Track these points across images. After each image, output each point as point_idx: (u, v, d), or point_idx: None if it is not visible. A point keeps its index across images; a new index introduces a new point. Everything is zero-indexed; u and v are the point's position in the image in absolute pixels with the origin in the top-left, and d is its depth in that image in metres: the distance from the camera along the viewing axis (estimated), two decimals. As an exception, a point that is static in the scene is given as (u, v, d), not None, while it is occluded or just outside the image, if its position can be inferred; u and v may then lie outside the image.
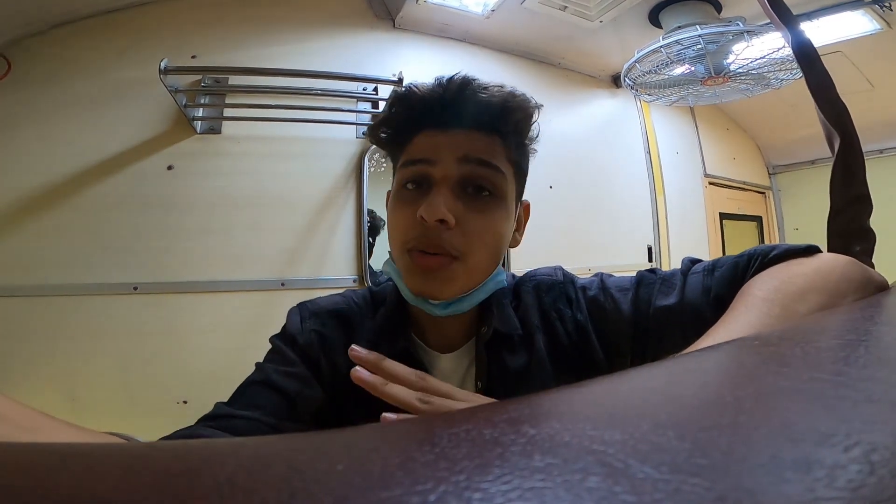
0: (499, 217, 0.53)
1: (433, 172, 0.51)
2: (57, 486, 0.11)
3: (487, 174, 0.52)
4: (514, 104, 0.53)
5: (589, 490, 0.10)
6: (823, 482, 0.10)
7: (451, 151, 0.51)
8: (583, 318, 0.58)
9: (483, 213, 0.52)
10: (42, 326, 1.43)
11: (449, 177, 0.51)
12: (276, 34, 1.81)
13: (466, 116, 0.52)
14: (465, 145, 0.51)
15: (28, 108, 1.51)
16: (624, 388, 0.21)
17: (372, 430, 0.16)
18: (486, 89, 0.52)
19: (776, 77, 1.90)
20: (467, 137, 0.52)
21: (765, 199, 3.42)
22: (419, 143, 0.53)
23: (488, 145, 0.53)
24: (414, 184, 0.53)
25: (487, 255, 0.53)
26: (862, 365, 0.20)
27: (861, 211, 0.59)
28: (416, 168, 0.52)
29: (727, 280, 0.51)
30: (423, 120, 0.53)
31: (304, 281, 1.71)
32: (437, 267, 0.50)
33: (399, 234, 0.52)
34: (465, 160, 0.51)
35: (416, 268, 0.51)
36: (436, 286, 0.51)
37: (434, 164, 0.51)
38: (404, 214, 0.52)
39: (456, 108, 0.52)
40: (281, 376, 0.52)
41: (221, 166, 1.68)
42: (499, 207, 0.53)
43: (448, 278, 0.51)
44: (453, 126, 0.52)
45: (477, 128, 0.52)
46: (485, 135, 0.53)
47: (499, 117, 0.53)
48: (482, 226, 0.51)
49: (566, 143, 2.35)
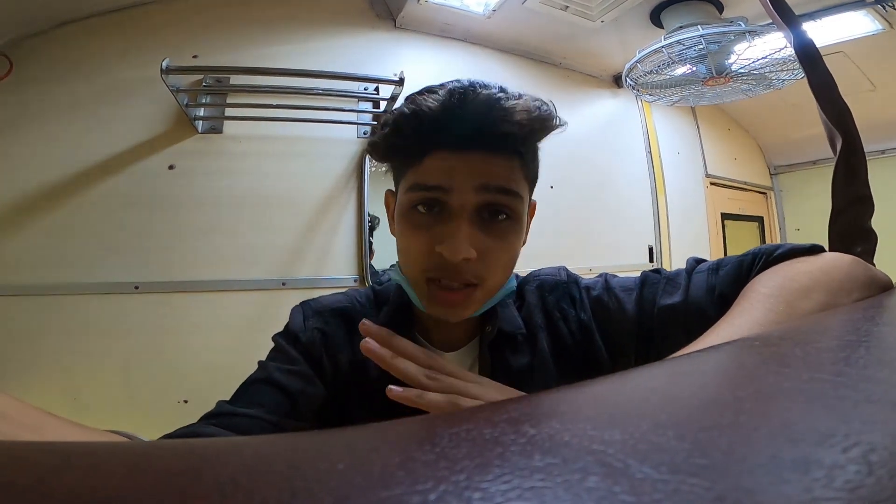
0: (515, 239, 0.51)
1: (449, 200, 0.47)
2: (59, 484, 0.11)
3: (507, 201, 0.49)
4: (539, 125, 0.48)
5: (588, 490, 0.10)
6: (822, 482, 0.10)
7: (468, 179, 0.47)
8: (586, 317, 0.58)
9: (501, 240, 0.49)
10: (44, 326, 1.43)
11: (466, 206, 0.47)
12: (277, 34, 1.81)
13: (486, 137, 0.47)
14: (483, 171, 0.47)
15: (30, 108, 1.51)
16: (624, 388, 0.21)
17: (372, 429, 0.16)
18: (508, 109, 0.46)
19: (778, 77, 1.90)
20: (485, 162, 0.47)
21: (766, 200, 3.41)
22: (431, 167, 0.48)
23: (508, 170, 0.48)
24: (426, 206, 0.49)
25: (504, 276, 0.52)
26: (862, 366, 0.20)
27: (863, 211, 0.59)
28: (430, 194, 0.48)
29: (732, 279, 0.51)
30: (435, 140, 0.48)
31: (305, 280, 1.71)
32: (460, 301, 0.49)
33: (415, 262, 0.50)
34: (484, 189, 0.47)
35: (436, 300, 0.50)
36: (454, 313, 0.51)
37: (450, 192, 0.47)
38: (419, 241, 0.49)
39: (473, 129, 0.46)
40: (283, 374, 0.52)
41: (223, 166, 1.68)
42: (515, 229, 0.51)
43: (468, 305, 0.50)
44: (470, 149, 0.47)
45: (496, 150, 0.48)
46: (504, 158, 0.48)
47: (521, 140, 0.48)
48: (500, 253, 0.50)
49: (567, 143, 2.34)
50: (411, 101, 0.49)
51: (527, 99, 0.48)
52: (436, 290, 0.50)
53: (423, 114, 0.47)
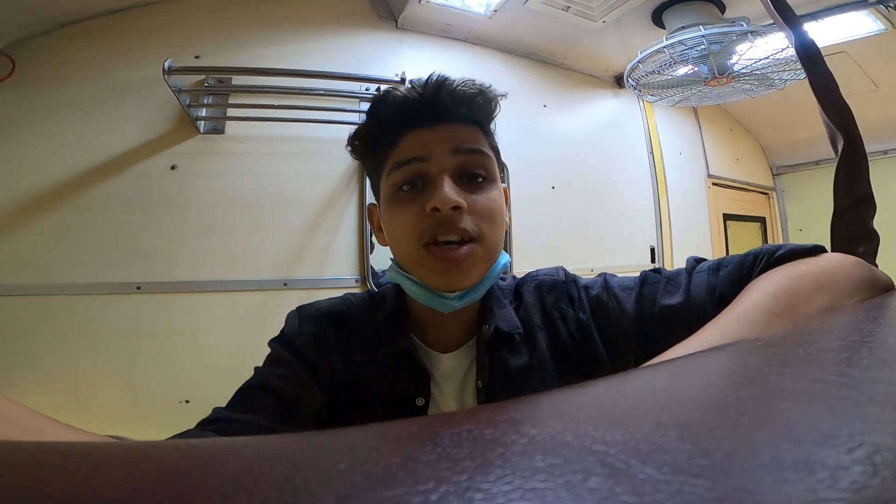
0: (496, 196, 0.55)
1: (428, 168, 0.53)
2: (60, 485, 0.11)
3: (480, 160, 0.55)
4: (489, 96, 0.56)
5: (590, 490, 0.10)
6: (826, 483, 0.10)
7: (442, 145, 0.53)
8: (585, 317, 0.58)
9: (484, 196, 0.54)
10: (45, 325, 1.43)
11: (446, 168, 0.52)
12: (279, 34, 1.81)
13: (449, 111, 0.54)
14: (454, 138, 0.54)
15: (32, 108, 1.51)
16: (626, 388, 0.21)
17: (374, 429, 0.16)
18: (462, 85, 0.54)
19: (780, 77, 1.90)
20: (454, 131, 0.54)
21: (768, 200, 3.41)
22: (407, 144, 0.54)
23: (473, 134, 0.56)
24: (409, 184, 0.54)
25: (498, 233, 0.55)
26: (865, 366, 0.20)
27: (865, 212, 0.59)
28: (410, 167, 0.53)
29: (733, 279, 0.51)
30: (408, 121, 0.55)
31: (307, 281, 1.71)
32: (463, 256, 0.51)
33: (409, 232, 0.53)
34: (457, 151, 0.53)
35: (440, 263, 0.51)
36: (461, 276, 0.52)
37: (428, 159, 0.53)
38: (409, 212, 0.52)
39: (437, 105, 0.54)
40: (279, 379, 0.52)
41: (224, 166, 1.68)
42: (494, 188, 0.56)
43: (471, 264, 0.52)
44: (438, 122, 0.54)
45: (459, 120, 0.55)
46: (467, 126, 0.56)
47: (476, 108, 0.56)
48: (487, 206, 0.54)
49: (568, 144, 2.35)
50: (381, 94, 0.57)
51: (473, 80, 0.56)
52: (437, 252, 0.51)
53: (392, 99, 0.56)
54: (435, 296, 0.54)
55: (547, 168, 2.22)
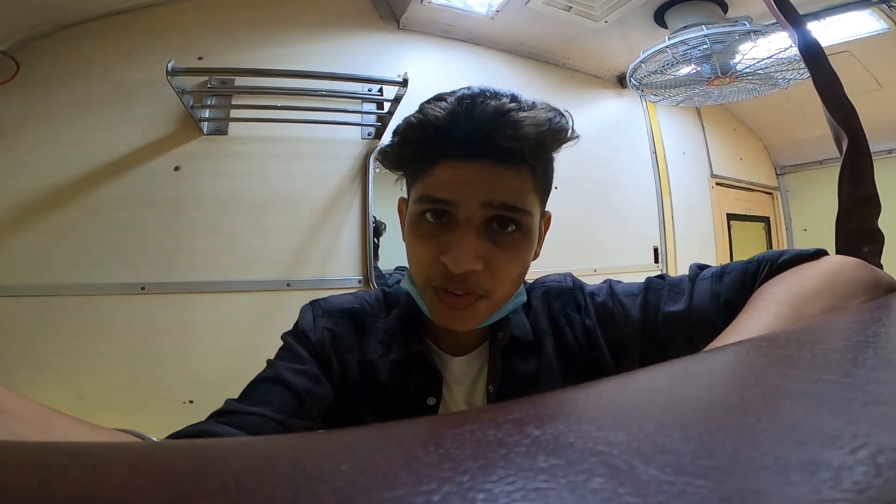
0: (524, 251, 0.51)
1: (455, 213, 0.47)
2: (64, 484, 0.11)
3: (514, 216, 0.48)
4: (551, 136, 0.47)
5: (593, 491, 0.10)
6: (829, 484, 0.10)
7: (474, 193, 0.46)
8: (591, 323, 0.58)
9: (510, 252, 0.49)
10: (50, 326, 1.44)
11: (472, 220, 0.47)
12: (281, 35, 1.82)
13: (495, 148, 0.46)
14: (490, 185, 0.46)
15: (36, 110, 1.52)
16: (629, 389, 0.20)
17: (376, 430, 0.16)
18: (517, 121, 0.45)
19: (783, 77, 1.89)
20: (493, 174, 0.47)
21: (772, 200, 3.40)
22: (439, 178, 0.48)
23: (517, 183, 0.48)
24: (434, 215, 0.49)
25: (513, 288, 0.52)
26: (870, 367, 0.20)
27: (869, 212, 0.59)
28: (436, 206, 0.48)
29: (737, 286, 0.51)
30: (442, 150, 0.48)
31: (310, 281, 1.72)
32: (464, 306, 0.49)
33: (421, 270, 0.50)
34: (489, 206, 0.47)
35: (441, 306, 0.50)
36: (460, 323, 0.51)
37: (456, 205, 0.47)
38: (425, 250, 0.49)
39: (480, 139, 0.45)
40: (292, 373, 0.52)
41: (228, 167, 1.68)
42: (525, 242, 0.50)
43: (473, 315, 0.51)
44: (479, 158, 0.46)
45: (506, 161, 0.47)
46: (513, 169, 0.47)
47: (532, 152, 0.47)
48: (509, 263, 0.49)
49: (571, 144, 2.34)
50: (420, 111, 0.48)
51: (539, 110, 0.47)
52: (442, 296, 0.50)
53: (429, 123, 0.47)
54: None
55: (549, 168, 2.19)
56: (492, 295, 0.50)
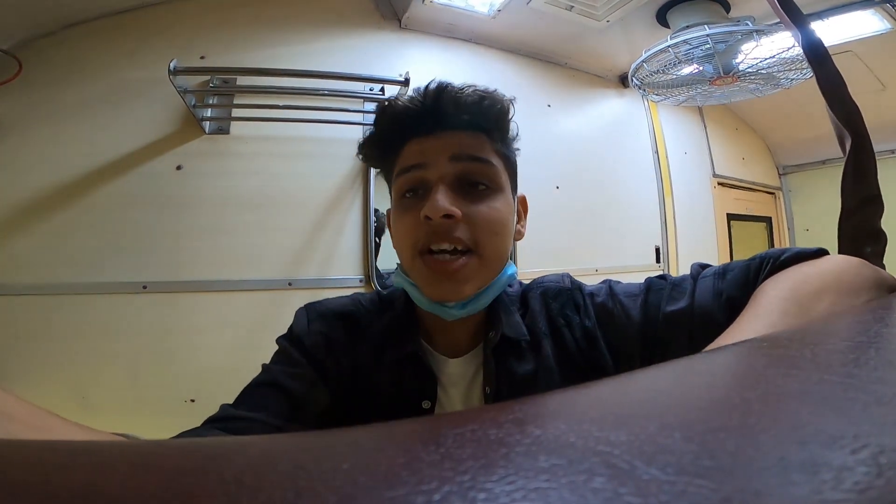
0: (500, 206, 0.54)
1: (428, 175, 0.53)
2: (65, 483, 0.11)
3: (480, 168, 0.54)
4: (490, 100, 0.55)
5: (594, 491, 0.10)
6: (830, 484, 0.10)
7: (441, 152, 0.53)
8: (591, 324, 0.58)
9: (484, 204, 0.53)
10: (51, 325, 1.44)
11: (444, 176, 0.52)
12: (283, 35, 1.82)
13: (449, 118, 0.54)
14: (453, 145, 0.53)
15: (39, 109, 1.52)
16: (630, 389, 0.20)
17: (377, 429, 0.16)
18: (462, 91, 0.54)
19: (786, 77, 1.88)
20: (454, 138, 0.54)
21: (775, 200, 3.39)
22: (409, 151, 0.55)
23: (475, 141, 0.54)
24: (411, 192, 0.54)
25: (498, 244, 0.54)
26: (872, 367, 0.19)
27: (873, 212, 0.59)
28: (411, 175, 0.54)
29: (739, 283, 0.51)
30: (409, 129, 0.55)
31: (311, 281, 1.72)
32: (455, 269, 0.50)
33: (406, 238, 0.53)
34: (456, 158, 0.53)
35: (432, 273, 0.51)
36: (454, 288, 0.51)
37: (427, 167, 0.53)
38: (408, 219, 0.53)
39: (438, 113, 0.53)
40: (287, 378, 0.52)
41: (230, 166, 1.69)
42: (498, 197, 0.54)
43: (465, 277, 0.51)
44: (438, 130, 0.54)
45: (461, 128, 0.54)
46: (470, 133, 0.55)
47: (479, 114, 0.54)
48: (487, 215, 0.52)
49: (573, 144, 2.34)
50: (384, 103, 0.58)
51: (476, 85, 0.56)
52: (431, 262, 0.51)
53: (392, 109, 0.56)
54: (435, 304, 0.54)
55: (551, 168, 2.21)
56: (479, 249, 0.52)
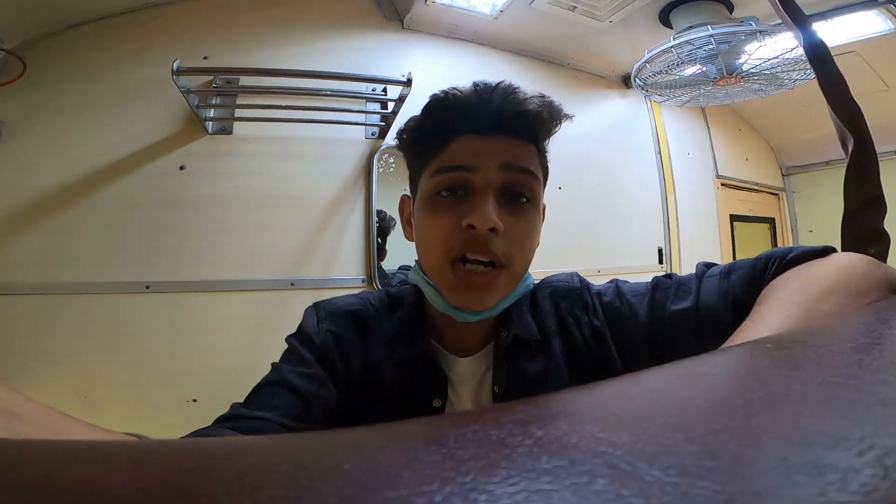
0: (534, 220, 0.54)
1: (474, 179, 0.51)
2: (68, 482, 0.11)
3: (527, 181, 0.52)
4: (553, 114, 0.54)
5: (596, 492, 0.10)
6: (835, 486, 0.10)
7: (492, 158, 0.51)
8: (599, 323, 0.58)
9: (524, 221, 0.52)
10: (55, 324, 1.45)
11: (492, 184, 0.50)
12: (286, 35, 1.82)
13: (508, 123, 0.52)
14: (506, 152, 0.51)
15: (43, 109, 1.53)
16: (633, 390, 0.20)
17: (379, 429, 0.16)
18: (527, 98, 0.52)
19: (789, 77, 1.88)
20: (507, 145, 0.52)
21: (778, 201, 3.38)
22: (457, 149, 0.52)
23: (526, 152, 0.53)
24: (449, 191, 0.52)
25: (526, 260, 0.54)
26: (876, 368, 0.19)
27: (875, 213, 0.58)
28: (456, 175, 0.51)
29: (745, 283, 0.50)
30: (462, 125, 0.52)
31: (314, 281, 1.72)
32: (484, 284, 0.50)
33: (439, 242, 0.52)
34: (507, 168, 0.51)
35: (461, 284, 0.51)
36: (480, 299, 0.51)
37: (475, 171, 0.51)
38: (444, 221, 0.51)
39: (498, 115, 0.51)
40: (297, 377, 0.52)
41: (233, 166, 1.69)
42: (535, 213, 0.54)
43: (493, 291, 0.51)
44: (493, 132, 0.52)
45: (517, 135, 0.53)
46: (523, 142, 0.53)
47: (536, 125, 0.53)
48: (524, 231, 0.52)
49: (576, 144, 2.34)
50: (441, 92, 0.54)
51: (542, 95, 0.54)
52: (462, 273, 0.50)
53: (451, 100, 0.53)
54: (452, 308, 0.54)
55: (554, 169, 2.17)
56: (511, 264, 0.51)
